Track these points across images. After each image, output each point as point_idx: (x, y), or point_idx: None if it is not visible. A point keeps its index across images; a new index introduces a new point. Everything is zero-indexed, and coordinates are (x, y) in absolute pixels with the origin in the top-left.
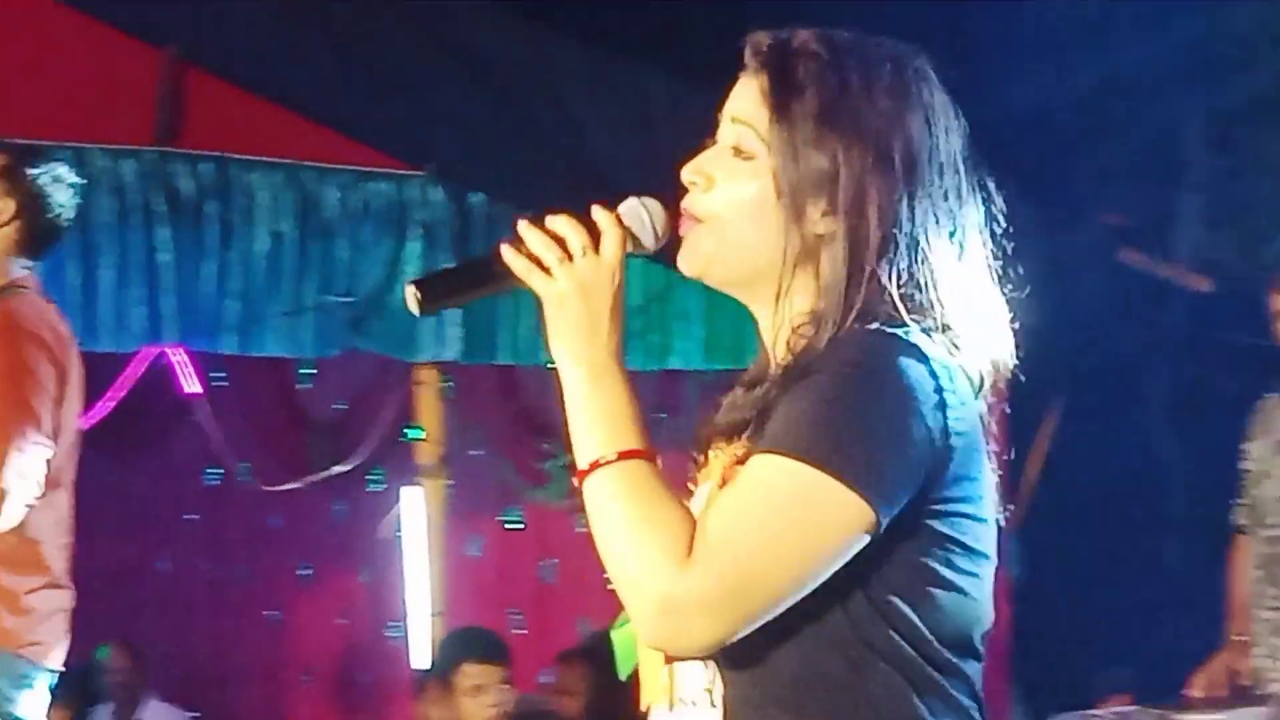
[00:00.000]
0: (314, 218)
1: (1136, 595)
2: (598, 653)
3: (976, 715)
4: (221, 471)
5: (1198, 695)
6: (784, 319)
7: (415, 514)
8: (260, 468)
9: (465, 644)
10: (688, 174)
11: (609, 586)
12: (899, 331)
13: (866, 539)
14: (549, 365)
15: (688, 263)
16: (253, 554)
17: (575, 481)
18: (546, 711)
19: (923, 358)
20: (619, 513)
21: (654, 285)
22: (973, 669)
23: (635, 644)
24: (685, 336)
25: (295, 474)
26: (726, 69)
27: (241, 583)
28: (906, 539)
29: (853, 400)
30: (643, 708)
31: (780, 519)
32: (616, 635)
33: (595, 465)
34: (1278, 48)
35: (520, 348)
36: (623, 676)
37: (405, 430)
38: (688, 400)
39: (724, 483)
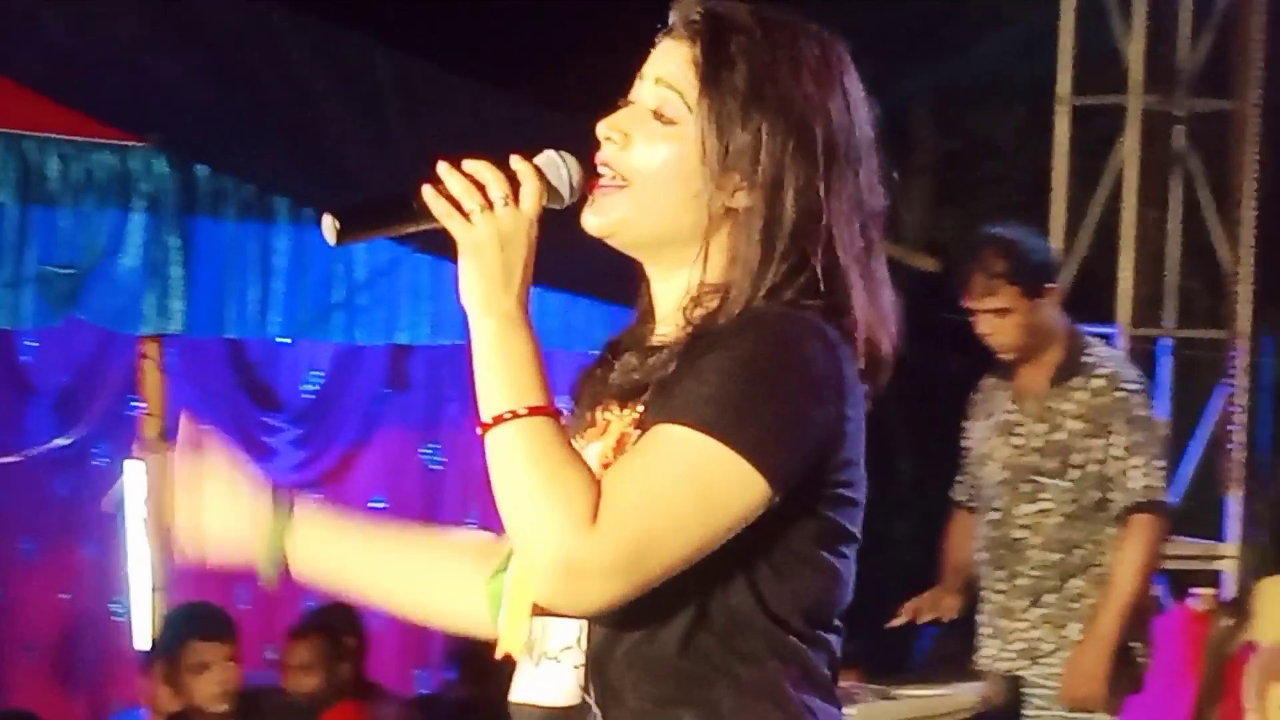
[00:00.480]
0: (35, 188)
1: (865, 572)
2: (327, 626)
3: (833, 687)
4: None
5: (903, 620)
6: (685, 287)
7: (138, 488)
8: None
9: (190, 620)
10: (605, 129)
11: None
12: (806, 313)
13: (760, 512)
14: (276, 339)
15: (598, 221)
16: None
17: (479, 432)
18: (278, 689)
19: (827, 341)
20: (524, 470)
21: (381, 260)
22: (835, 643)
23: (501, 595)
24: (413, 312)
25: (15, 447)
26: (453, 43)
27: None
28: (788, 517)
29: (759, 378)
30: (499, 656)
31: (684, 490)
32: (488, 586)
33: (500, 419)
34: (1003, 32)
35: (247, 320)
36: (498, 628)
37: (129, 403)
38: (415, 376)
39: (620, 445)
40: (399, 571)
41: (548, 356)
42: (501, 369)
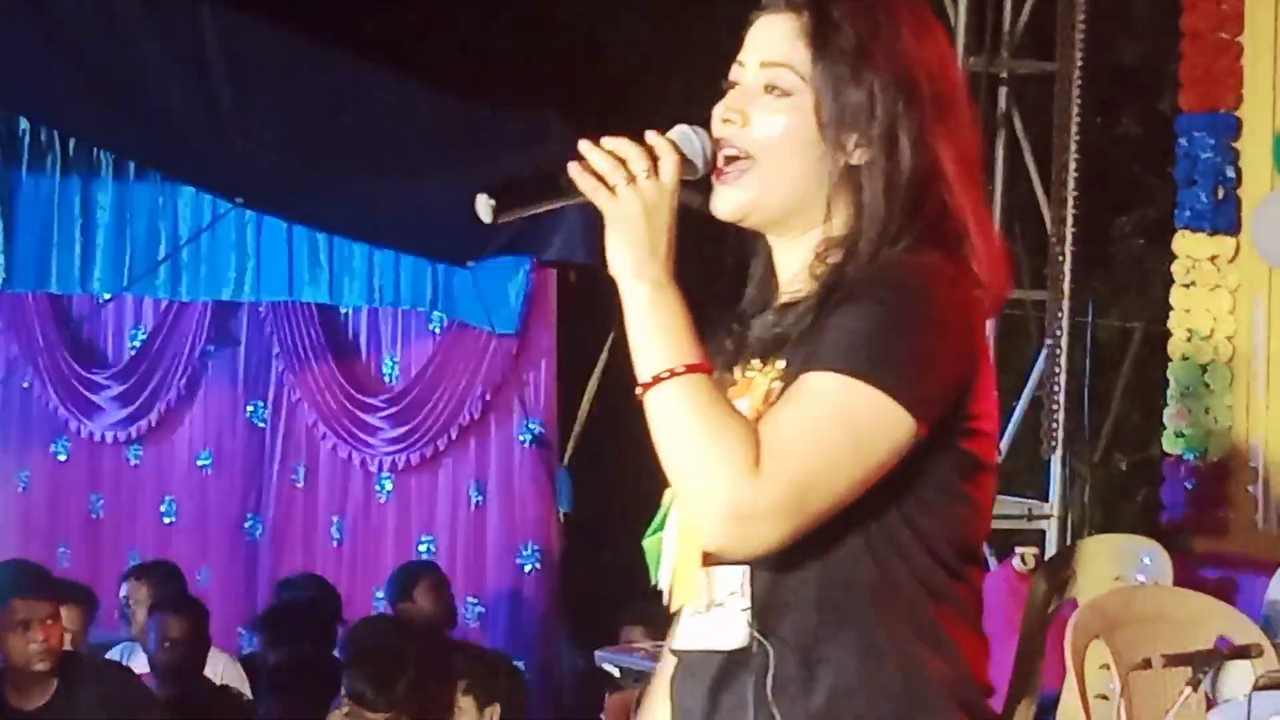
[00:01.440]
0: None
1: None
2: (157, 571)
3: (979, 620)
4: None
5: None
6: (810, 247)
7: None
8: None
9: (9, 579)
10: (722, 111)
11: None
12: (934, 257)
13: (908, 451)
14: (100, 296)
15: (733, 202)
16: None
17: (638, 392)
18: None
19: (956, 283)
20: (688, 424)
21: (204, 216)
22: (976, 576)
23: (663, 550)
24: (238, 268)
25: None
26: (282, 6)
27: None
28: (933, 454)
29: (898, 322)
30: (674, 609)
31: (838, 432)
32: (647, 543)
33: (659, 378)
34: None
35: (70, 276)
36: (653, 582)
37: None
38: (237, 331)
39: (767, 398)
40: None
41: (378, 314)
42: (656, 331)
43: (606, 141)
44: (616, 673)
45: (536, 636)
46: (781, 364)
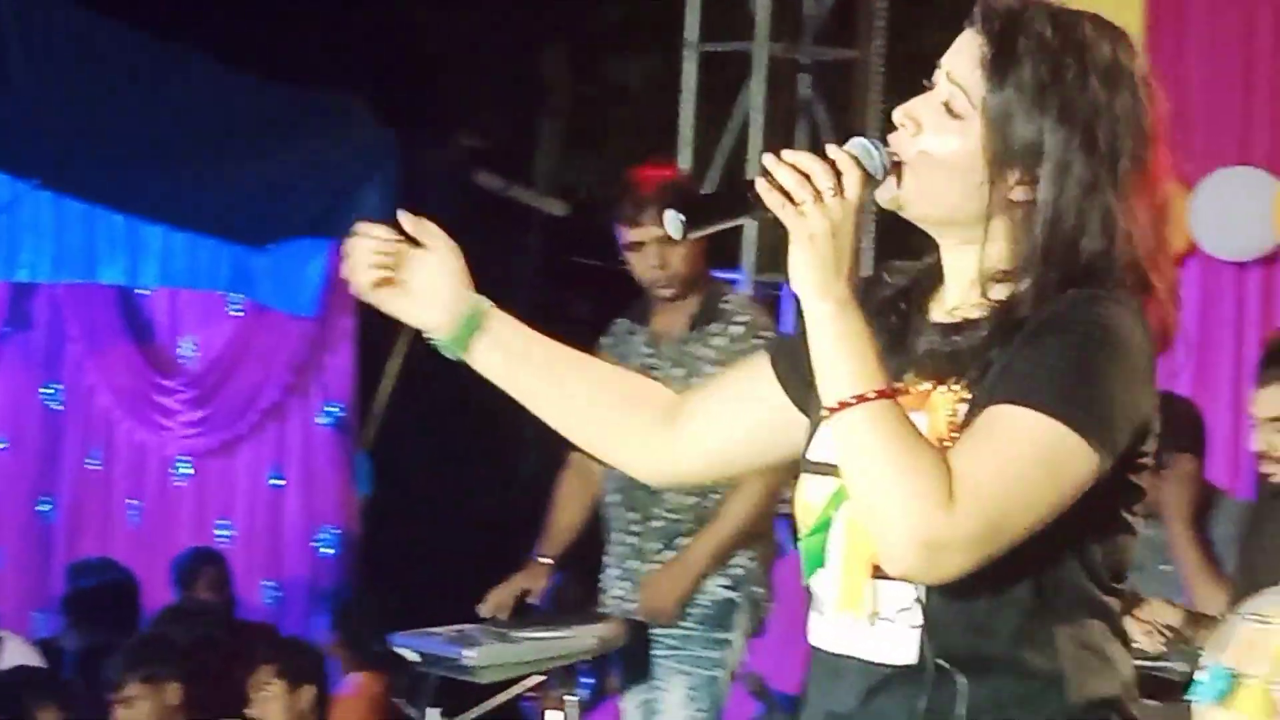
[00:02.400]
0: None
1: (491, 512)
2: None
3: (1128, 638)
4: None
5: (486, 614)
6: (974, 263)
7: None
8: None
9: None
10: (899, 115)
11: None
12: (1124, 296)
13: (1089, 485)
14: None
15: (888, 195)
16: None
17: (823, 415)
18: None
19: (1143, 325)
20: (882, 453)
21: (1, 197)
22: (1122, 598)
23: (829, 558)
24: (34, 250)
25: None
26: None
27: None
28: (1107, 488)
29: (1095, 363)
30: (834, 617)
31: (1032, 470)
32: (804, 544)
33: (847, 404)
34: None
35: None
36: (809, 584)
37: None
38: (37, 315)
39: (950, 421)
40: (575, 402)
41: (177, 296)
42: (844, 353)
43: (790, 155)
44: (415, 657)
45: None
46: (962, 387)
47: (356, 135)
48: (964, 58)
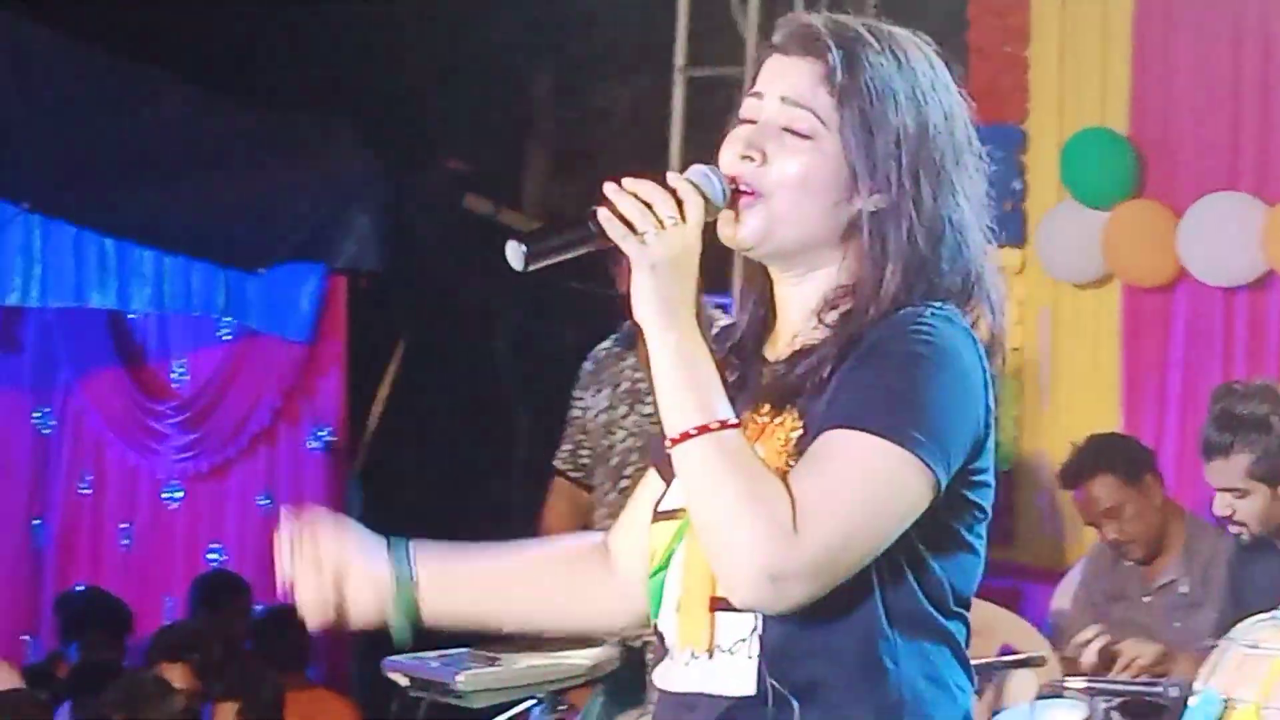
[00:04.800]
0: None
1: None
2: None
3: (967, 658)
4: None
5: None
6: (817, 290)
7: None
8: None
9: None
10: (741, 148)
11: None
12: (952, 312)
13: (927, 505)
14: None
15: (740, 234)
16: None
17: (667, 446)
18: None
19: (974, 340)
20: (725, 483)
21: None
22: (967, 619)
23: (666, 594)
24: (24, 273)
25: None
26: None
27: None
28: (945, 506)
29: (926, 382)
30: (676, 652)
31: (870, 493)
32: (650, 583)
33: (693, 433)
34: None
35: None
36: (654, 621)
37: None
38: (26, 339)
39: (787, 448)
40: (531, 598)
41: (168, 320)
42: (687, 382)
43: (630, 183)
44: (405, 682)
45: (325, 646)
46: (796, 415)
47: (344, 159)
48: (798, 80)
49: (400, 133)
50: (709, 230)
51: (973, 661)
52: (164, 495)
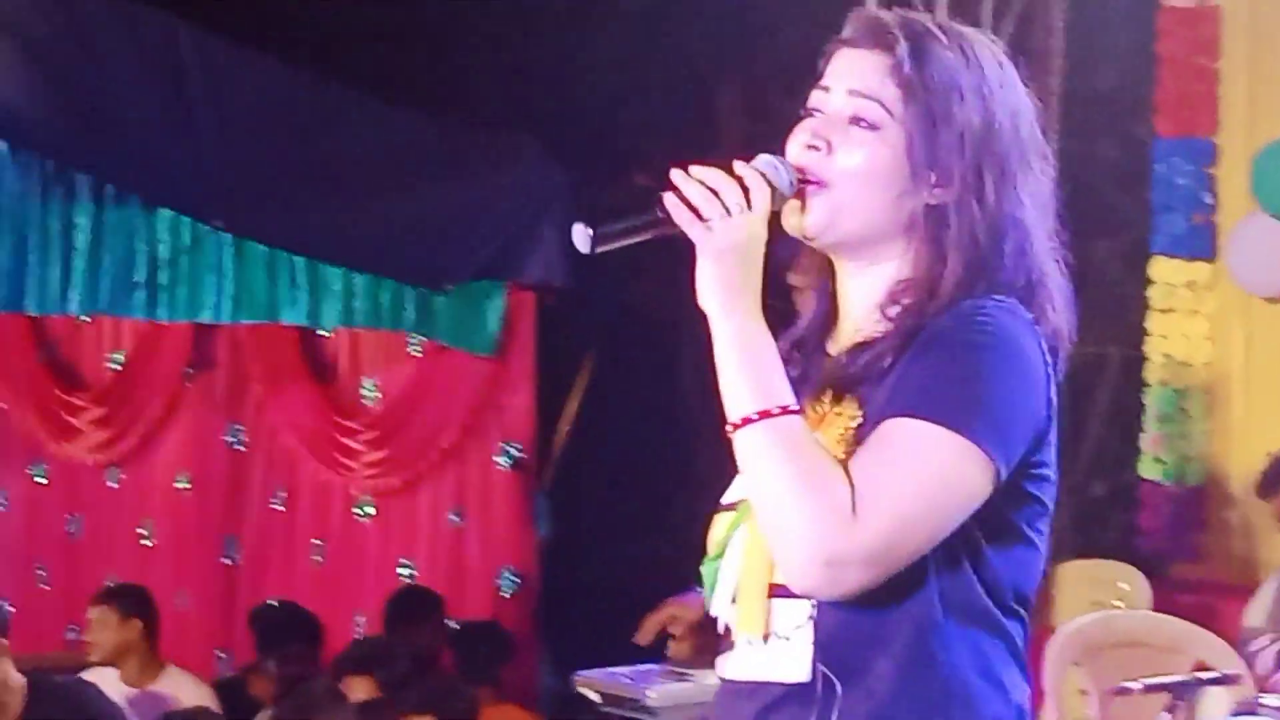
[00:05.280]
0: None
1: (666, 554)
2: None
3: (1025, 659)
4: None
5: (641, 642)
6: (882, 283)
7: None
8: None
9: None
10: (807, 138)
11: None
12: (1015, 305)
13: (988, 495)
14: (79, 317)
15: (805, 222)
16: None
17: (728, 431)
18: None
19: (1036, 334)
20: (784, 468)
21: (183, 239)
22: (1027, 618)
23: (722, 581)
24: (216, 290)
25: None
26: (255, 22)
27: None
28: (1004, 498)
29: (987, 371)
30: (735, 637)
31: (930, 480)
32: (705, 569)
33: (750, 419)
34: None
35: (48, 297)
36: (710, 611)
37: None
38: (218, 355)
39: (845, 437)
40: None
41: (359, 336)
42: (748, 368)
43: (697, 171)
44: (597, 697)
45: (514, 661)
46: (856, 404)
47: (532, 174)
48: (865, 71)
49: (588, 147)
50: (775, 220)
51: (1166, 679)
52: (355, 511)
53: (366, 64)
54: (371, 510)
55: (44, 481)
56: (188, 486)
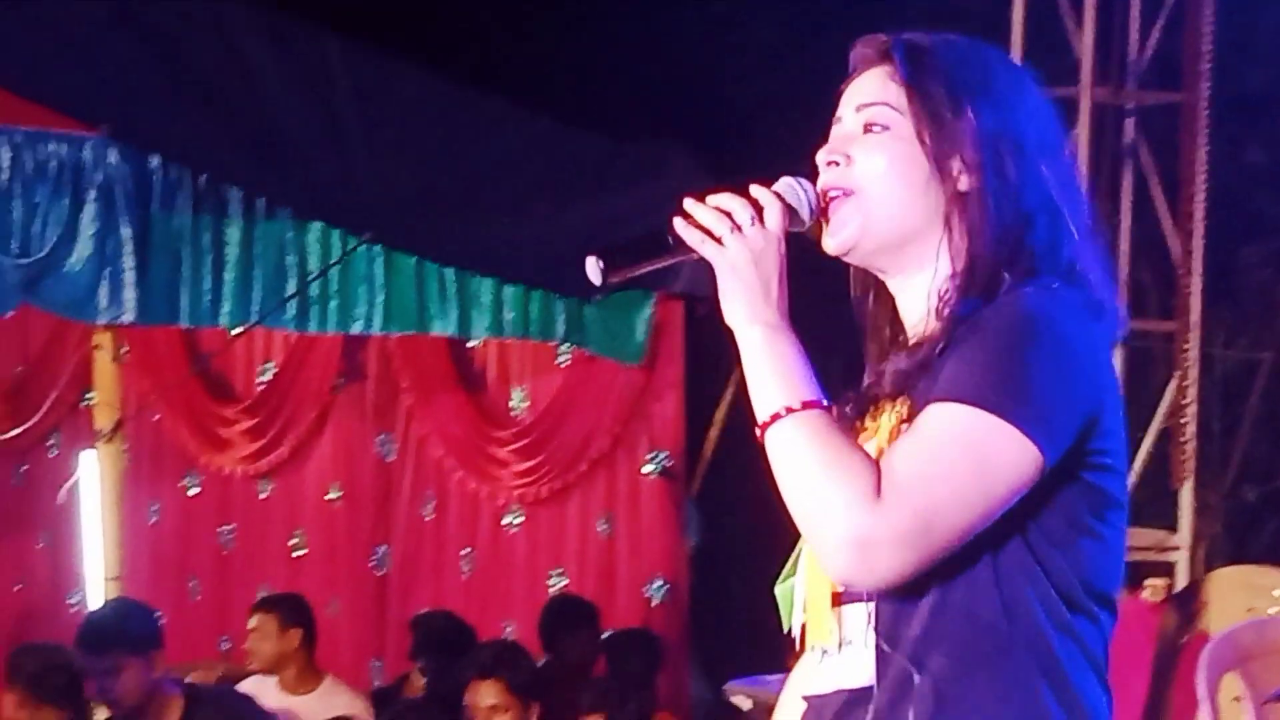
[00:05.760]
0: None
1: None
2: (284, 604)
3: (1104, 664)
4: None
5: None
6: (928, 287)
7: (92, 479)
8: None
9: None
10: (825, 155)
11: (295, 554)
12: (1057, 288)
13: (1033, 481)
14: (230, 328)
15: (838, 237)
16: None
17: (758, 433)
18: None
19: (1080, 314)
20: (808, 458)
21: (334, 251)
22: (1107, 620)
23: (796, 597)
24: (366, 302)
25: None
26: (404, 33)
27: None
28: (1061, 488)
29: (1024, 352)
30: (807, 651)
31: (961, 461)
32: (779, 590)
33: (778, 416)
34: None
35: (200, 310)
36: (785, 629)
37: (84, 393)
38: (369, 366)
39: (893, 435)
40: None
41: (508, 346)
42: (771, 371)
43: (711, 198)
44: (747, 704)
45: (665, 669)
46: (907, 400)
47: (679, 185)
48: (870, 86)
49: (735, 156)
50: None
51: None
52: (504, 521)
53: (515, 76)
54: (520, 519)
55: (196, 492)
56: (338, 496)
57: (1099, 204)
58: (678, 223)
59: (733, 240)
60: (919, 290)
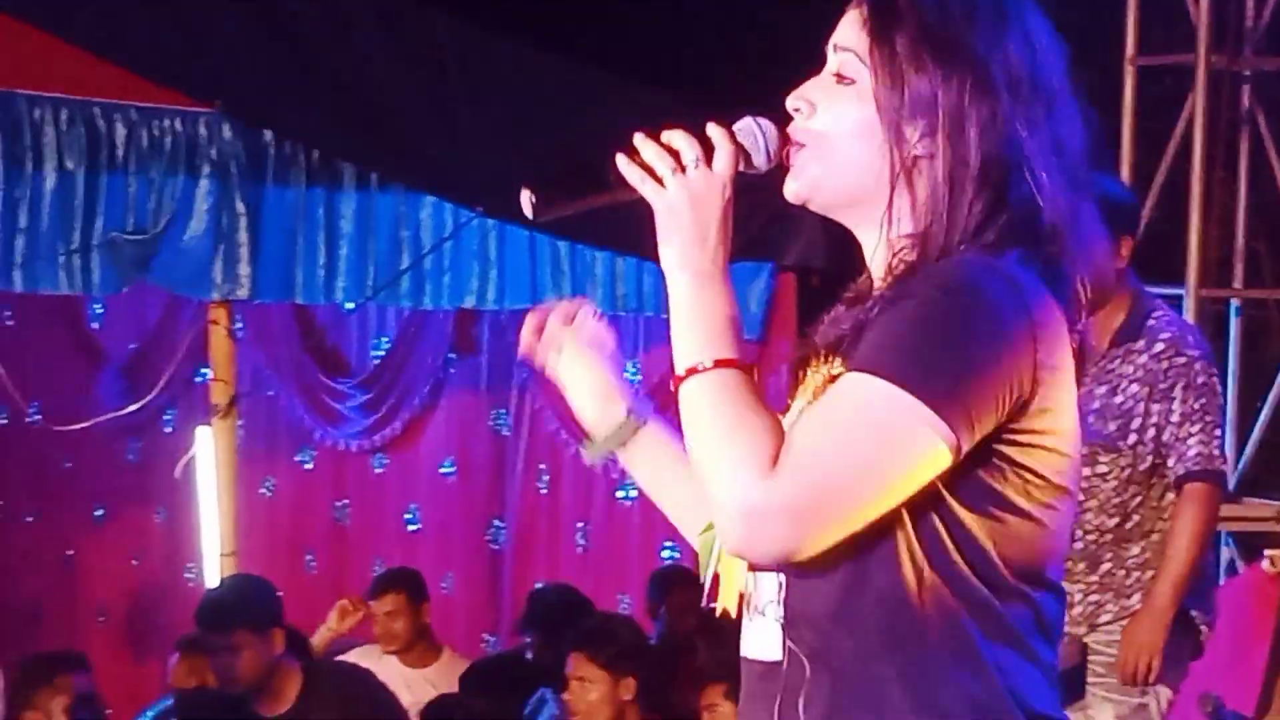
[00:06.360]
0: (103, 154)
1: None
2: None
3: (1037, 646)
4: (8, 412)
5: None
6: (885, 242)
7: (208, 454)
8: (50, 408)
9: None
10: (791, 101)
11: (409, 529)
12: (1000, 257)
13: (946, 462)
14: (344, 304)
15: (793, 186)
16: (43, 495)
17: (672, 386)
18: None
19: (1016, 285)
20: (710, 420)
21: (447, 225)
22: (1044, 600)
23: (714, 548)
24: (480, 277)
25: (86, 414)
26: (514, 11)
27: (32, 524)
28: (985, 465)
29: (942, 324)
30: (718, 612)
31: (864, 436)
32: (701, 539)
33: (691, 371)
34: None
35: (314, 286)
36: (703, 581)
37: (199, 369)
38: (482, 341)
39: (818, 396)
40: (689, 508)
41: (620, 321)
42: (693, 323)
43: (663, 134)
44: None
45: None
46: (841, 362)
47: None
48: (849, 27)
49: None
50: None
51: None
52: (619, 494)
53: (619, 48)
54: (635, 493)
55: (310, 468)
56: (452, 471)
57: (1214, 172)
58: (620, 159)
59: (674, 181)
60: (882, 246)
